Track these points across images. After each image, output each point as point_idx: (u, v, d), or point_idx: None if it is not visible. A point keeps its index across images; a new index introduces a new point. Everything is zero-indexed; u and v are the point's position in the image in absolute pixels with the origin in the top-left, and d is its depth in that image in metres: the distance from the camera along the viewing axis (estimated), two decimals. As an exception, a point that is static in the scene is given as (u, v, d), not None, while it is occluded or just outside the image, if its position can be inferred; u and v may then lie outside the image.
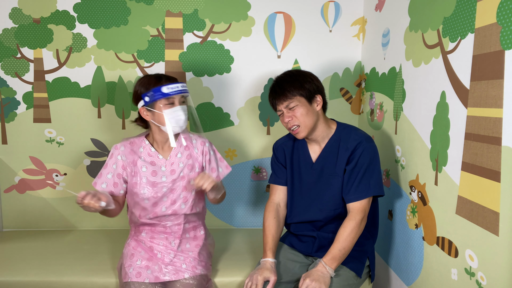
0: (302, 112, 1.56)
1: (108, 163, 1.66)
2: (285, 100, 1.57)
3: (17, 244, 2.12)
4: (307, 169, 1.68)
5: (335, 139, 1.63)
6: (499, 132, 1.07)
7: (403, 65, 1.68)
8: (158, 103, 1.56)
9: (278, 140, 1.80)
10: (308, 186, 1.68)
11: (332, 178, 1.63)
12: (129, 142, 1.68)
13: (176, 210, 1.67)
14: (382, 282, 1.95)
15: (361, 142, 1.57)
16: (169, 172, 1.66)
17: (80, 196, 1.41)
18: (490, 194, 1.11)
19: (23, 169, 2.30)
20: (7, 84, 2.22)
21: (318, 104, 1.60)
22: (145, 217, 1.68)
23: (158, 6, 2.18)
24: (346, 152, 1.59)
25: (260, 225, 2.42)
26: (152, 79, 1.59)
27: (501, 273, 1.09)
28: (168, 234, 1.70)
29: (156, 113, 1.57)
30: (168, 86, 1.55)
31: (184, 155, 1.70)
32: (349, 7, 2.23)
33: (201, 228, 1.80)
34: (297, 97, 1.56)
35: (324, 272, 1.50)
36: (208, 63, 2.25)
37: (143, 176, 1.64)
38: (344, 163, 1.59)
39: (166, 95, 1.55)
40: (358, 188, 1.56)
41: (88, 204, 1.41)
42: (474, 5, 1.17)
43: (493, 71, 1.08)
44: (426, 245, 1.50)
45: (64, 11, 2.17)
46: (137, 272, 1.61)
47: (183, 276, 1.63)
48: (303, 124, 1.57)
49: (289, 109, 1.57)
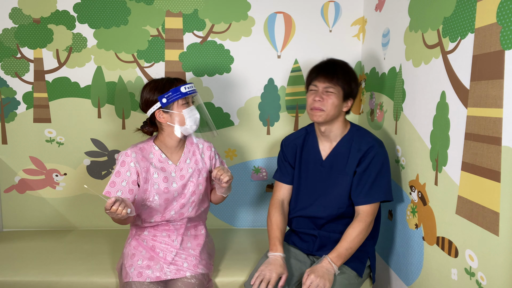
0: (334, 101, 1.57)
1: (120, 171, 1.60)
2: (329, 82, 1.57)
3: (17, 244, 2.12)
4: (316, 166, 1.69)
5: (347, 139, 1.64)
6: (499, 132, 1.07)
7: (403, 65, 1.68)
8: (175, 104, 1.58)
9: (288, 136, 1.80)
10: (315, 183, 1.69)
11: (340, 177, 1.63)
12: (139, 148, 1.66)
13: (183, 213, 1.69)
14: (382, 282, 1.95)
15: (373, 146, 1.59)
16: (178, 178, 1.67)
17: (109, 202, 1.37)
18: (490, 194, 1.11)
19: (23, 169, 2.30)
20: (7, 84, 2.22)
21: (347, 106, 1.63)
22: (149, 221, 1.68)
23: (158, 6, 2.18)
24: (358, 153, 1.60)
25: (260, 225, 2.42)
26: (165, 82, 1.61)
27: (501, 273, 1.09)
28: (171, 232, 1.70)
29: (174, 114, 1.59)
30: (185, 86, 1.59)
31: (192, 160, 1.71)
32: (349, 7, 2.23)
33: (202, 227, 1.81)
34: (339, 87, 1.57)
35: (329, 268, 1.50)
36: (208, 63, 2.25)
37: (155, 182, 1.63)
38: (355, 164, 1.60)
39: (185, 95, 1.58)
40: (369, 192, 1.57)
41: (116, 211, 1.38)
42: (474, 5, 1.17)
43: (493, 71, 1.08)
44: (426, 245, 1.50)
45: (64, 11, 2.17)
46: (138, 272, 1.61)
47: (184, 274, 1.63)
48: (327, 111, 1.57)
49: (325, 91, 1.57)
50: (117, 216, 1.40)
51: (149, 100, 1.60)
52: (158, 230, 1.70)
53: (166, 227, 1.70)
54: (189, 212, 1.70)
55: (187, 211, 1.69)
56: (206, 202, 1.79)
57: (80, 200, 2.34)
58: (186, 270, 1.64)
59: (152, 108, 1.61)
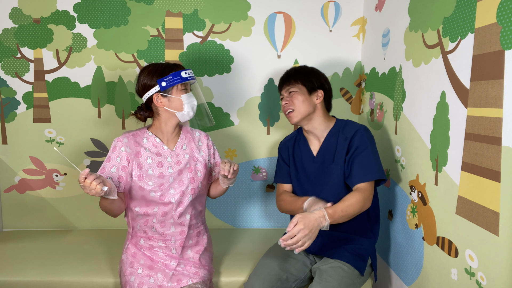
0: (299, 99, 1.67)
1: (111, 156, 1.56)
2: (287, 85, 1.70)
3: (17, 244, 2.12)
4: (309, 163, 1.74)
5: (334, 132, 1.70)
6: (499, 132, 1.07)
7: (403, 65, 1.68)
8: (174, 88, 1.56)
9: (282, 140, 1.89)
10: (311, 179, 1.73)
11: (332, 168, 1.67)
12: (132, 134, 1.62)
13: (183, 202, 1.61)
14: (382, 282, 1.95)
15: (358, 130, 1.65)
16: (174, 163, 1.62)
17: (83, 173, 1.29)
18: (490, 194, 1.11)
19: (23, 169, 2.30)
20: (7, 84, 2.22)
21: (318, 98, 1.70)
22: (149, 212, 1.60)
23: (158, 6, 2.18)
24: (346, 141, 1.65)
25: (260, 225, 2.42)
26: (164, 66, 1.57)
27: (501, 273, 1.09)
28: (168, 242, 1.63)
29: (173, 99, 1.56)
30: (186, 71, 1.57)
31: (188, 147, 1.68)
32: (349, 7, 2.23)
33: (204, 233, 1.76)
34: (299, 84, 1.69)
35: (321, 222, 1.41)
36: (208, 63, 2.25)
37: (148, 167, 1.58)
38: (344, 152, 1.64)
39: (185, 80, 1.56)
40: (362, 171, 1.59)
41: (89, 186, 1.30)
42: (474, 5, 1.17)
43: (493, 71, 1.08)
44: (426, 245, 1.50)
45: (64, 11, 2.17)
46: (139, 281, 1.57)
47: (186, 283, 1.60)
48: (297, 109, 1.67)
49: (289, 93, 1.70)
50: (91, 192, 1.32)
51: (147, 84, 1.56)
52: (154, 240, 1.63)
53: (161, 237, 1.62)
54: (189, 202, 1.61)
55: (187, 199, 1.61)
56: (204, 196, 1.74)
57: (80, 200, 2.34)
58: (188, 278, 1.61)
59: (150, 92, 1.55)
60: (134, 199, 1.60)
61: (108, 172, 1.54)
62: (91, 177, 1.31)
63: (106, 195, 1.40)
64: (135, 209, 1.61)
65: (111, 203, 1.49)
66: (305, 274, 1.69)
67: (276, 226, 2.42)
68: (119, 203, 1.54)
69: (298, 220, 1.38)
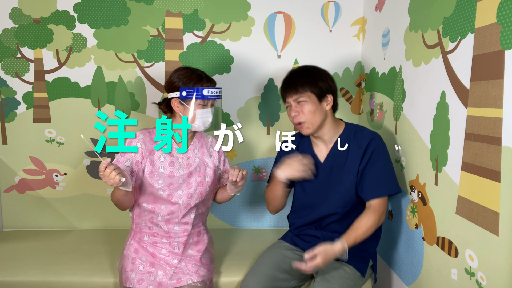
0: (310, 109, 1.56)
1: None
2: (295, 94, 1.57)
3: (17, 244, 2.12)
4: (315, 169, 1.67)
5: (344, 138, 1.63)
6: (499, 132, 1.07)
7: (403, 65, 1.68)
8: (193, 100, 1.57)
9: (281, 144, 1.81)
10: (314, 186, 1.68)
11: (342, 176, 1.63)
12: (148, 132, 1.66)
13: (190, 204, 1.65)
14: (383, 282, 1.95)
15: (372, 139, 1.59)
16: (185, 165, 1.66)
17: (104, 163, 1.35)
18: (490, 194, 1.11)
19: (23, 169, 2.30)
20: (7, 84, 2.21)
21: (328, 103, 1.61)
22: (155, 211, 1.63)
23: (158, 6, 2.18)
24: (359, 149, 1.59)
25: (260, 225, 2.42)
26: (194, 76, 1.59)
27: (501, 273, 1.09)
28: (172, 239, 1.67)
29: (189, 109, 1.58)
30: (209, 90, 1.57)
31: (200, 151, 1.71)
32: (349, 7, 2.23)
33: (205, 233, 1.78)
34: (308, 93, 1.57)
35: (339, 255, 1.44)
36: (208, 63, 2.25)
37: (160, 165, 1.62)
38: (358, 161, 1.59)
39: (205, 98, 1.56)
40: (378, 185, 1.56)
41: (109, 175, 1.35)
42: (474, 5, 1.17)
43: (493, 71, 1.08)
44: (426, 245, 1.50)
45: (64, 11, 2.17)
46: (139, 278, 1.59)
47: (186, 282, 1.61)
48: (309, 121, 1.58)
49: (297, 103, 1.58)
50: (109, 182, 1.36)
51: (173, 85, 1.60)
52: (159, 236, 1.67)
53: (166, 234, 1.66)
54: (195, 204, 1.66)
55: (194, 202, 1.65)
56: (210, 200, 1.78)
57: (80, 200, 2.34)
58: (188, 275, 1.62)
59: (172, 94, 1.61)
60: (143, 195, 1.64)
61: (122, 166, 1.58)
62: (111, 167, 1.36)
63: (122, 186, 1.43)
64: (143, 204, 1.65)
65: (124, 195, 1.52)
66: (302, 274, 1.67)
67: (276, 226, 2.42)
68: (131, 196, 1.58)
69: (318, 255, 1.40)
